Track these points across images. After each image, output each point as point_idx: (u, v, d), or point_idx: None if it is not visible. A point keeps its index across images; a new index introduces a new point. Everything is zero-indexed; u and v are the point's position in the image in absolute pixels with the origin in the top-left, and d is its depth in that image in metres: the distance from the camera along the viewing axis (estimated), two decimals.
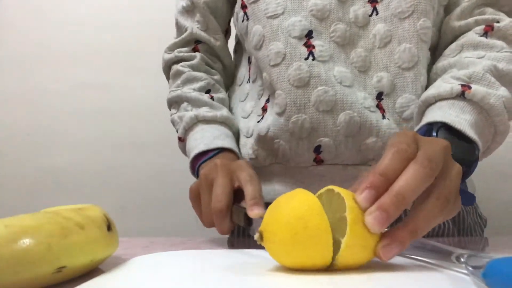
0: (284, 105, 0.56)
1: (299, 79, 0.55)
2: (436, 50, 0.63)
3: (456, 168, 0.38)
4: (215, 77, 0.70)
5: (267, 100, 0.61)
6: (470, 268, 0.31)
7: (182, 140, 0.65)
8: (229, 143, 0.60)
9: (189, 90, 0.65)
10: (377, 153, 0.56)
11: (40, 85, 1.19)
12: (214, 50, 0.71)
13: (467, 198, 0.44)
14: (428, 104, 0.51)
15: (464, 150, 0.45)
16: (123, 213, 0.89)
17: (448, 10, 0.62)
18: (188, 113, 0.63)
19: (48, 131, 1.18)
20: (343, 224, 0.33)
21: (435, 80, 0.55)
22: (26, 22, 1.21)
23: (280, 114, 0.56)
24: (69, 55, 1.19)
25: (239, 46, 0.72)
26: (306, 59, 0.56)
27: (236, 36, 0.74)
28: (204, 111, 0.63)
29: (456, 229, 0.61)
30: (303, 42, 0.56)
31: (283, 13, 0.57)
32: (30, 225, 0.32)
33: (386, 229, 0.34)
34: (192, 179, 0.57)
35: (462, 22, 0.59)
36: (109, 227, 0.39)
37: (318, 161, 0.57)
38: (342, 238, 0.33)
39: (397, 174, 0.34)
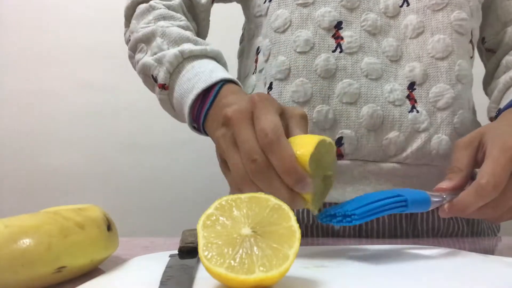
0: (310, 94, 0.56)
1: (326, 70, 0.55)
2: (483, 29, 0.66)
3: None
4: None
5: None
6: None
7: (166, 87, 0.53)
8: (229, 75, 0.50)
9: (167, 24, 0.56)
10: (398, 147, 0.56)
11: (40, 85, 1.19)
12: (194, 8, 0.63)
13: None
14: (509, 86, 0.56)
15: None
16: (123, 213, 0.89)
17: (485, 13, 0.64)
18: (168, 52, 0.53)
19: (48, 131, 1.18)
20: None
21: (503, 72, 0.61)
22: (26, 22, 1.21)
23: (303, 103, 0.56)
24: (69, 55, 1.19)
25: (247, 38, 0.68)
26: (334, 51, 0.56)
27: (242, 37, 0.71)
28: (189, 47, 0.53)
29: (470, 231, 0.62)
30: (331, 34, 0.56)
31: (313, 2, 0.57)
32: (30, 225, 0.32)
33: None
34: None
35: None
36: (109, 227, 0.39)
37: (338, 155, 0.56)
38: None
39: None
